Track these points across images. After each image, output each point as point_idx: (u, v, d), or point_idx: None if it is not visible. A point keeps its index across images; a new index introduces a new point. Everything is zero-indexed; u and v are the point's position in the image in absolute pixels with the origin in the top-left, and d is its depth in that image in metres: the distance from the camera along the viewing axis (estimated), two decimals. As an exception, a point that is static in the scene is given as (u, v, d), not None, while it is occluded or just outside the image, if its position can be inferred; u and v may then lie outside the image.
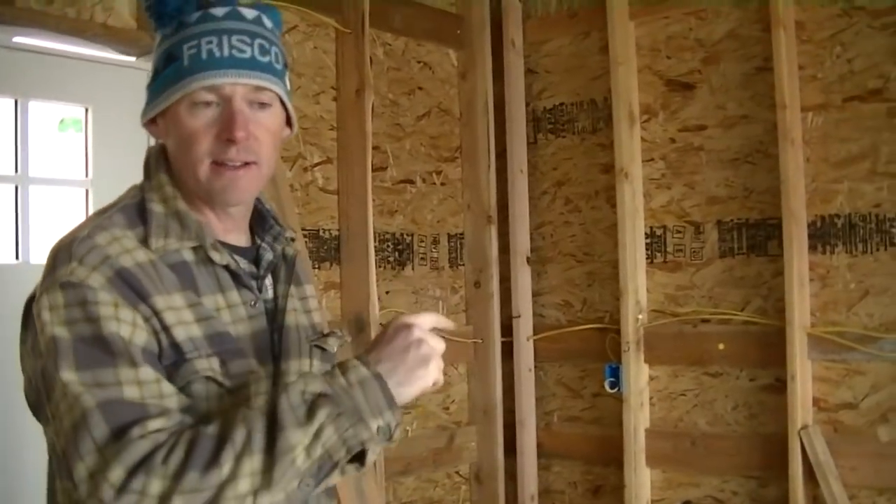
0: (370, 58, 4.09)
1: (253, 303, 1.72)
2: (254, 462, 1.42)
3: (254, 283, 1.74)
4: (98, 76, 3.60)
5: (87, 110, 3.65)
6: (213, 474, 1.41)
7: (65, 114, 3.74)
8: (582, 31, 4.61)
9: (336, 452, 1.46)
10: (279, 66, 1.73)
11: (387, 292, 4.29)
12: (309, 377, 1.51)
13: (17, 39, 3.28)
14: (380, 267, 4.22)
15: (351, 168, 4.04)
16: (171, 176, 1.71)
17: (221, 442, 1.43)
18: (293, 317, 1.81)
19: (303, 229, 3.84)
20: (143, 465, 1.41)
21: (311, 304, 1.93)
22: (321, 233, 4.01)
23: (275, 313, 1.76)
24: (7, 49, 3.32)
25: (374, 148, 4.13)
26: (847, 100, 3.85)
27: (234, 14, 1.69)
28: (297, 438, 1.43)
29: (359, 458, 1.50)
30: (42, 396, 1.54)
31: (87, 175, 3.66)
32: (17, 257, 3.48)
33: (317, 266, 3.95)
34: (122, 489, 1.40)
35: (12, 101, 3.48)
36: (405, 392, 1.53)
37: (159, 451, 1.42)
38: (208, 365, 1.59)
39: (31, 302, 1.61)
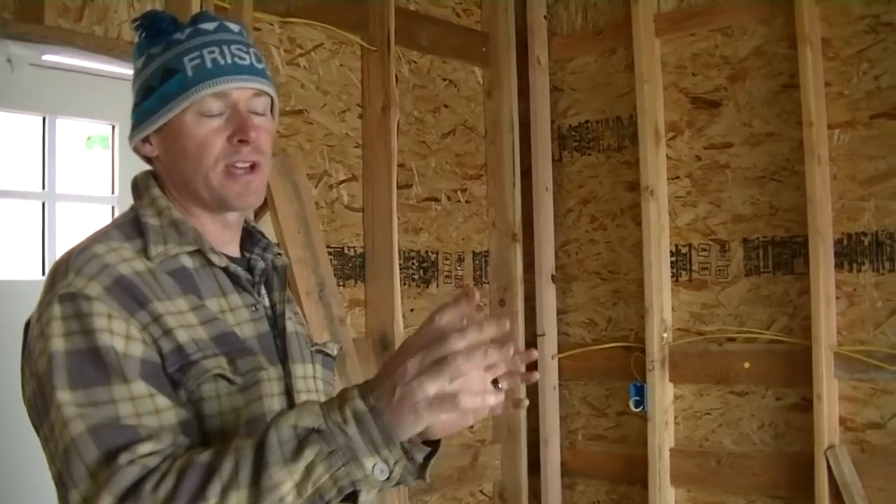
0: (396, 75, 4.10)
1: (254, 306, 1.73)
2: (240, 496, 1.38)
3: (252, 288, 1.75)
4: (125, 94, 3.60)
5: (113, 128, 3.67)
6: None
7: (92, 131, 3.76)
8: (607, 48, 4.61)
9: (326, 492, 1.39)
10: (269, 73, 1.79)
11: (411, 310, 4.29)
12: (305, 409, 1.44)
13: (46, 57, 3.30)
14: (404, 285, 4.22)
15: (376, 185, 4.04)
16: (163, 192, 1.74)
17: (210, 473, 1.40)
18: (291, 324, 1.82)
19: (328, 247, 3.84)
20: (131, 493, 1.40)
21: (302, 319, 1.95)
22: (346, 250, 4.02)
23: (275, 318, 1.77)
24: (35, 67, 3.34)
25: (400, 165, 4.14)
26: (874, 117, 3.83)
27: (223, 27, 1.74)
28: (280, 477, 1.38)
29: (352, 497, 1.43)
30: (39, 415, 1.54)
31: (113, 192, 3.68)
32: (43, 273, 3.49)
33: (341, 284, 3.95)
34: None
35: (40, 119, 3.50)
36: (406, 428, 1.42)
37: (150, 478, 1.41)
38: (216, 363, 1.59)
39: (28, 327, 1.62)
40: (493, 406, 1.45)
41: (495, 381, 1.45)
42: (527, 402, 1.50)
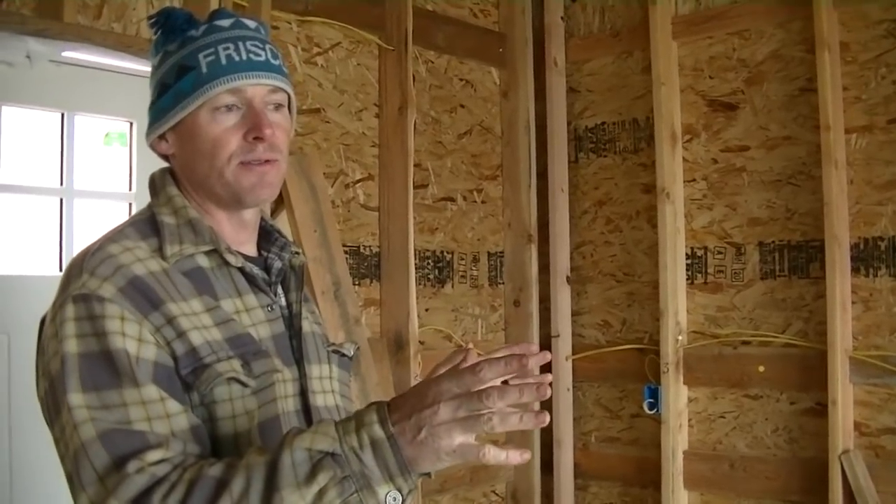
0: (413, 75, 4.10)
1: (270, 307, 1.72)
2: None
3: (269, 288, 1.74)
4: (143, 91, 3.61)
5: (131, 124, 3.68)
6: None
7: (110, 128, 3.77)
8: (624, 50, 4.61)
9: None
10: (286, 70, 1.78)
11: (426, 310, 4.29)
12: (320, 430, 1.42)
13: (65, 54, 3.31)
14: (420, 284, 4.22)
15: (392, 185, 4.04)
16: (180, 190, 1.74)
17: (220, 489, 1.39)
18: (308, 324, 1.81)
19: (343, 246, 3.84)
20: (139, 502, 1.39)
21: (319, 318, 1.94)
22: (361, 249, 4.02)
23: (291, 319, 1.77)
24: (54, 63, 3.36)
25: (416, 165, 4.14)
26: (891, 121, 3.82)
27: (239, 24, 1.74)
28: (292, 500, 1.36)
29: None
30: (51, 415, 1.54)
31: (130, 189, 3.69)
32: (60, 269, 3.51)
33: (357, 283, 3.95)
34: None
35: (59, 115, 3.52)
36: (423, 467, 1.41)
37: (158, 488, 1.40)
38: (229, 367, 1.58)
39: (42, 325, 1.62)
40: (517, 463, 1.45)
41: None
42: (548, 418, 1.46)
